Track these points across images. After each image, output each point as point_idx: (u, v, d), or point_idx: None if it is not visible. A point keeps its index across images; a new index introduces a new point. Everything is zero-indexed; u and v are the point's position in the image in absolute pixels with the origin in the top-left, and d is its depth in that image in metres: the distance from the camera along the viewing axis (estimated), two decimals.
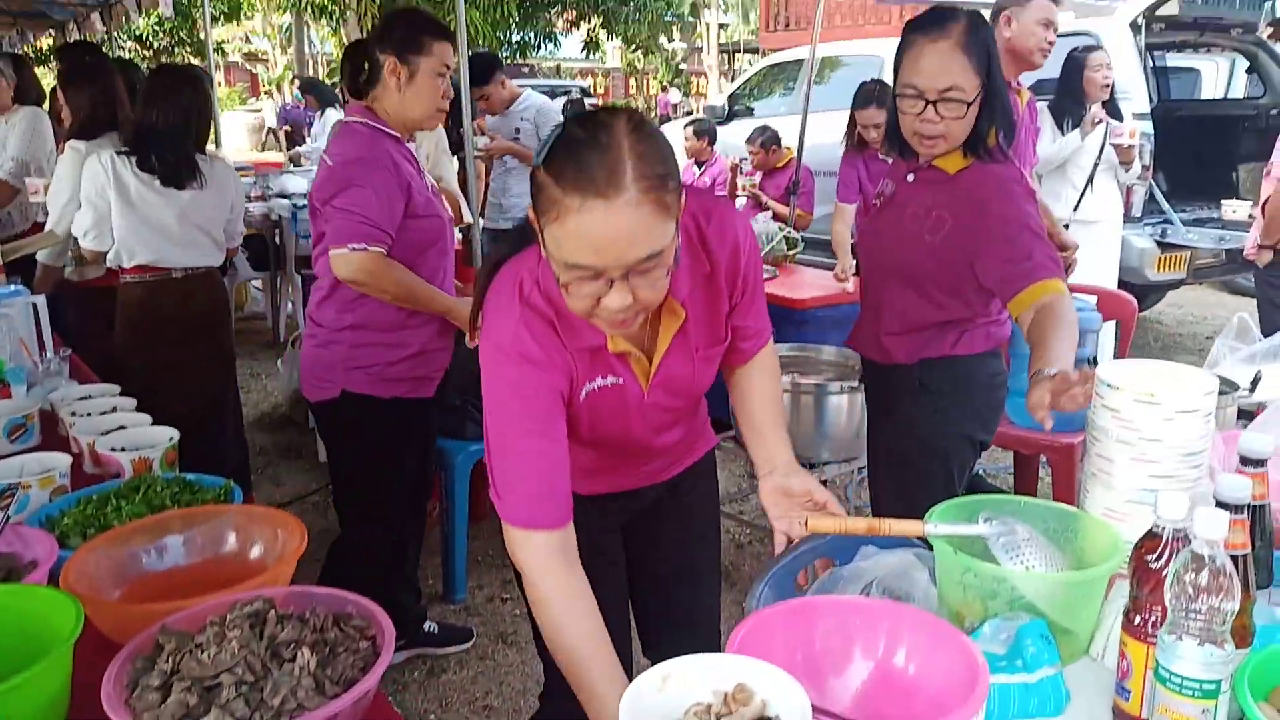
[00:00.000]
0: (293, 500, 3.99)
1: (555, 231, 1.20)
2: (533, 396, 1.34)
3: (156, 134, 2.95)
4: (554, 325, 1.36)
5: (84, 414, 2.09)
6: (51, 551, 1.41)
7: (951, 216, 2.05)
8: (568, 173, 1.17)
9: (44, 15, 10.27)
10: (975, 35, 1.97)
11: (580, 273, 1.21)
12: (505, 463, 1.35)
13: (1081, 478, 1.42)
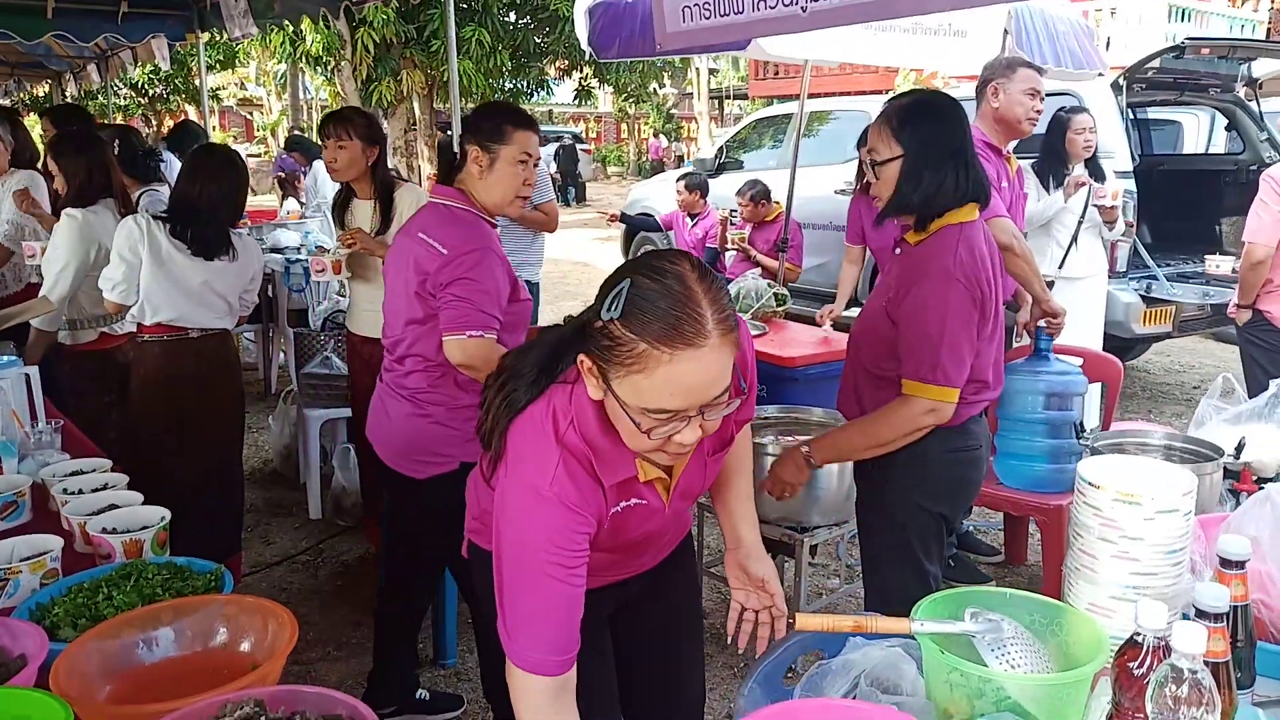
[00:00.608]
0: (283, 560, 3.97)
1: (638, 382, 1.24)
2: (564, 543, 1.35)
3: (197, 210, 3.04)
4: (591, 464, 1.39)
5: (75, 491, 2.09)
6: (42, 646, 1.41)
7: (895, 288, 2.22)
8: (653, 327, 1.22)
9: (41, 66, 10.37)
10: (901, 114, 2.21)
11: (661, 416, 1.26)
12: (523, 603, 1.36)
13: (1066, 571, 1.44)
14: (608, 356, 1.26)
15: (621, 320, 1.24)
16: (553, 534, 1.35)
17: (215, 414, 3.17)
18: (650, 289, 1.25)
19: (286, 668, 1.41)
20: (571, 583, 1.37)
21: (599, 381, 1.31)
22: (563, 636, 1.36)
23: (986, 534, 4.10)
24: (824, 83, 17.00)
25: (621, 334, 1.24)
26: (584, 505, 1.38)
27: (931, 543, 2.35)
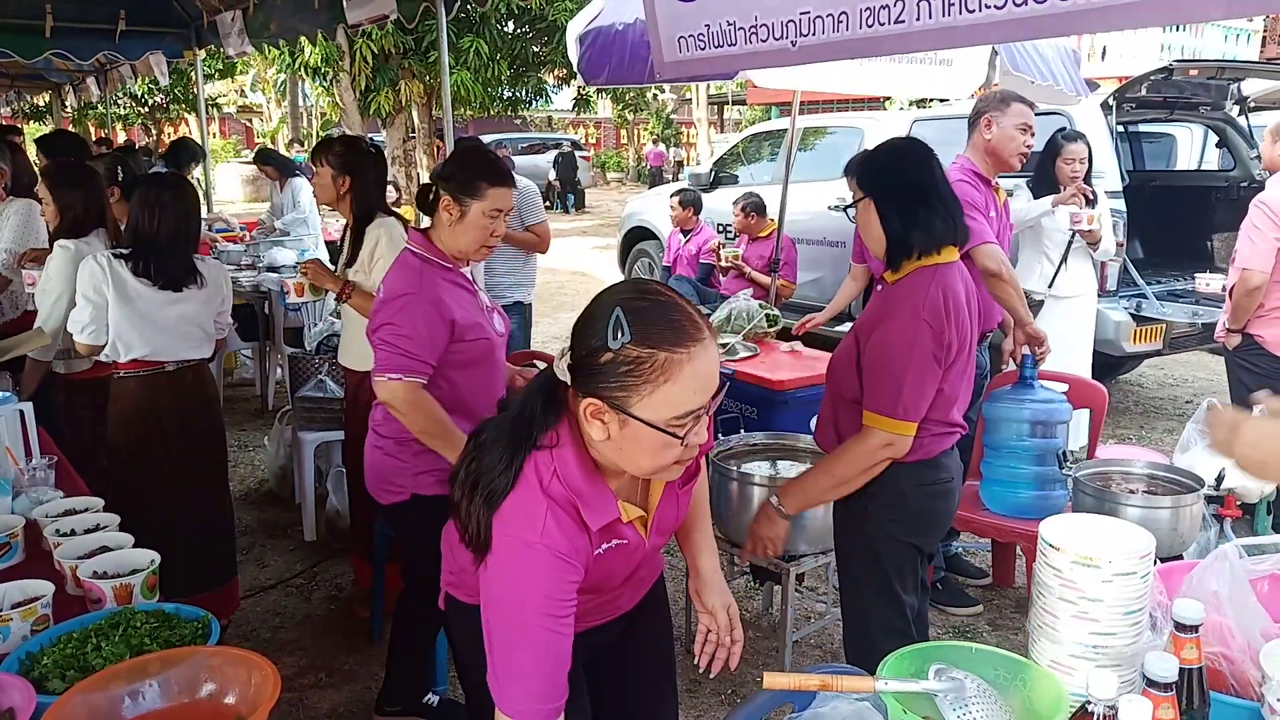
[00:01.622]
0: (277, 583, 4.00)
1: (668, 392, 1.31)
2: (555, 593, 1.39)
3: (156, 243, 3.05)
4: (577, 510, 1.42)
5: (68, 531, 2.12)
6: (30, 700, 1.45)
7: (868, 329, 2.30)
8: (665, 335, 1.32)
9: (41, 78, 10.44)
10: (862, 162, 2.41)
11: (689, 420, 1.34)
12: (514, 655, 1.39)
13: (1030, 628, 1.47)
14: (628, 382, 1.31)
15: (634, 341, 1.31)
16: (544, 585, 1.38)
17: (196, 448, 3.21)
18: (642, 306, 1.33)
19: (280, 697, 1.45)
20: (561, 632, 1.40)
21: (615, 415, 1.34)
22: (552, 686, 1.40)
23: (975, 556, 4.13)
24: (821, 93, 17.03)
25: (640, 353, 1.30)
26: (574, 554, 1.41)
27: (907, 573, 2.40)
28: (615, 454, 1.41)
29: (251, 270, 6.36)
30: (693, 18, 2.94)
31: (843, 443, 2.31)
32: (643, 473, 1.45)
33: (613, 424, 1.36)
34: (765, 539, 2.44)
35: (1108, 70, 11.19)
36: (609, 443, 1.39)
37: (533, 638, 1.38)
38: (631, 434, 1.35)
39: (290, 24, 5.72)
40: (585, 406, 1.37)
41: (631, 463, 1.41)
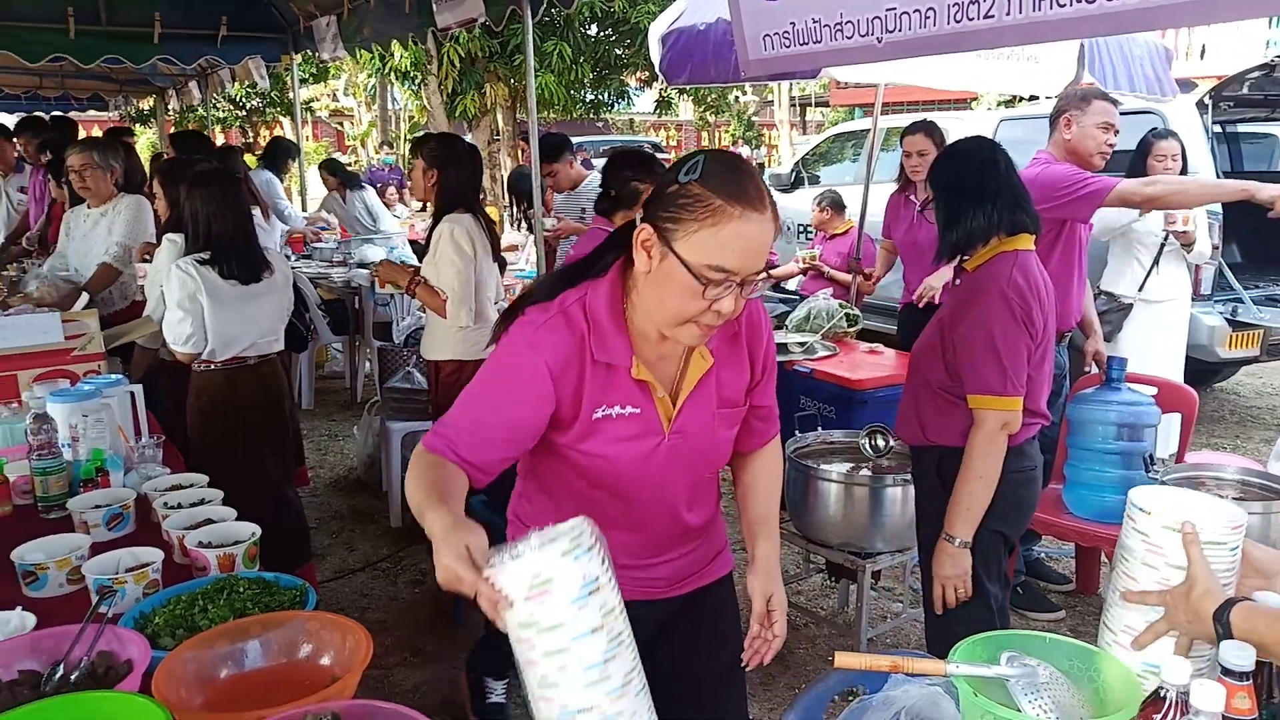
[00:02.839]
0: (364, 566, 4.14)
1: (704, 237, 1.39)
2: (516, 370, 1.50)
3: (233, 240, 3.20)
4: (584, 335, 1.51)
5: (175, 505, 2.25)
6: (145, 653, 1.55)
7: (954, 308, 2.40)
8: (728, 186, 1.40)
9: (147, 83, 10.91)
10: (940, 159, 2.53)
11: (716, 276, 1.40)
12: (462, 416, 1.52)
13: (1108, 593, 1.47)
14: (681, 215, 1.40)
15: (700, 180, 1.40)
16: (511, 372, 1.50)
17: (272, 438, 3.37)
18: (723, 160, 1.45)
19: (365, 674, 1.53)
20: (499, 410, 1.50)
21: (659, 245, 1.43)
22: (468, 437, 1.49)
23: (1058, 562, 4.06)
24: (906, 92, 16.76)
25: (700, 192, 1.40)
26: (553, 360, 1.50)
27: (992, 561, 2.42)
28: (650, 291, 1.49)
29: (343, 267, 6.58)
30: (778, 15, 2.97)
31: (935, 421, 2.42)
32: (665, 321, 1.49)
33: (655, 256, 1.44)
34: (953, 579, 2.37)
35: (1207, 69, 10.78)
36: (648, 278, 1.48)
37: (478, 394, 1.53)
38: (666, 270, 1.43)
39: (382, 28, 5.89)
40: (639, 232, 1.46)
41: (659, 305, 1.48)
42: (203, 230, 3.19)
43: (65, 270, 4.28)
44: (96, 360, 3.17)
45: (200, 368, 3.25)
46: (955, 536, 2.33)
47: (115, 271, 4.21)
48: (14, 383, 2.98)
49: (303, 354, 5.70)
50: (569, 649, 1.15)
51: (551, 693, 1.17)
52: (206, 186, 3.21)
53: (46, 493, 2.35)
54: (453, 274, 3.39)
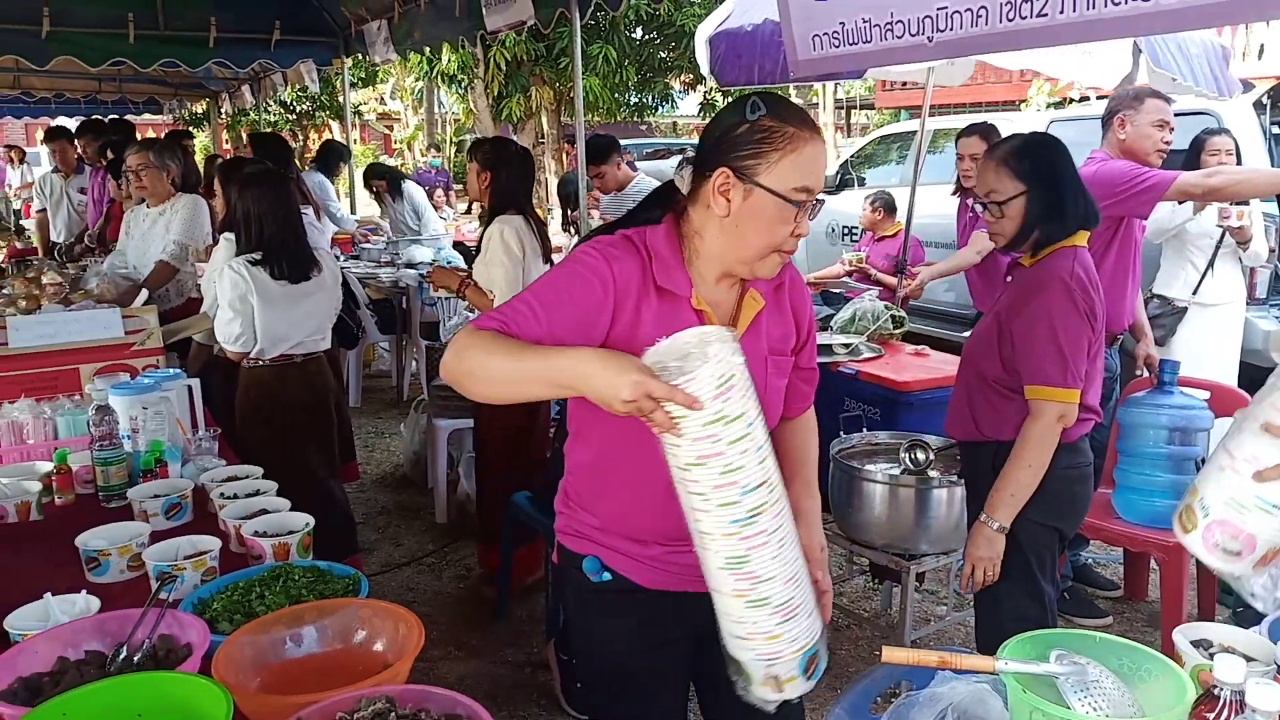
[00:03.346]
0: (410, 561, 4.20)
1: (787, 164, 1.49)
2: (582, 284, 1.52)
3: (284, 240, 3.26)
4: (646, 263, 1.56)
5: (231, 495, 2.31)
6: (204, 637, 1.60)
7: (1013, 303, 2.37)
8: (795, 116, 1.52)
9: (201, 86, 11.15)
10: (1017, 153, 2.39)
11: (803, 197, 1.50)
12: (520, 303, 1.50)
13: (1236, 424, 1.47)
14: (762, 149, 1.49)
15: (768, 115, 1.49)
16: (571, 280, 1.52)
17: (318, 435, 3.43)
18: (772, 95, 1.55)
19: (413, 666, 1.56)
20: (559, 305, 1.49)
21: (740, 185, 1.50)
22: (526, 318, 1.47)
23: (1106, 568, 4.00)
24: (953, 93, 16.63)
25: (773, 124, 1.49)
26: (620, 272, 1.52)
27: (1046, 558, 2.42)
28: (728, 235, 1.54)
29: (390, 267, 6.67)
30: (827, 15, 2.97)
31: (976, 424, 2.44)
32: (750, 257, 1.55)
33: (735, 197, 1.51)
34: (985, 560, 2.35)
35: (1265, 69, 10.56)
36: (727, 221, 1.53)
37: (542, 286, 1.53)
38: (752, 206, 1.50)
39: (432, 31, 5.97)
40: (715, 180, 1.51)
41: (741, 243, 1.54)
42: (255, 230, 3.26)
43: (124, 268, 4.39)
44: (155, 355, 3.25)
45: (249, 364, 3.33)
46: (995, 520, 2.32)
47: (172, 269, 4.31)
48: (76, 376, 3.06)
49: (351, 352, 5.79)
50: (749, 434, 1.30)
51: (736, 475, 1.30)
52: (257, 187, 3.27)
53: (108, 482, 2.42)
54: (500, 274, 3.44)
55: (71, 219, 7.44)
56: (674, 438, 1.29)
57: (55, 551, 2.09)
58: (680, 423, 1.27)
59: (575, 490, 1.76)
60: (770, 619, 1.37)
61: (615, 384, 1.28)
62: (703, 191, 1.55)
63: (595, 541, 1.71)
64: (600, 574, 1.69)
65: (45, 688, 1.51)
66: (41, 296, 3.66)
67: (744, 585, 1.36)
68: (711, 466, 1.30)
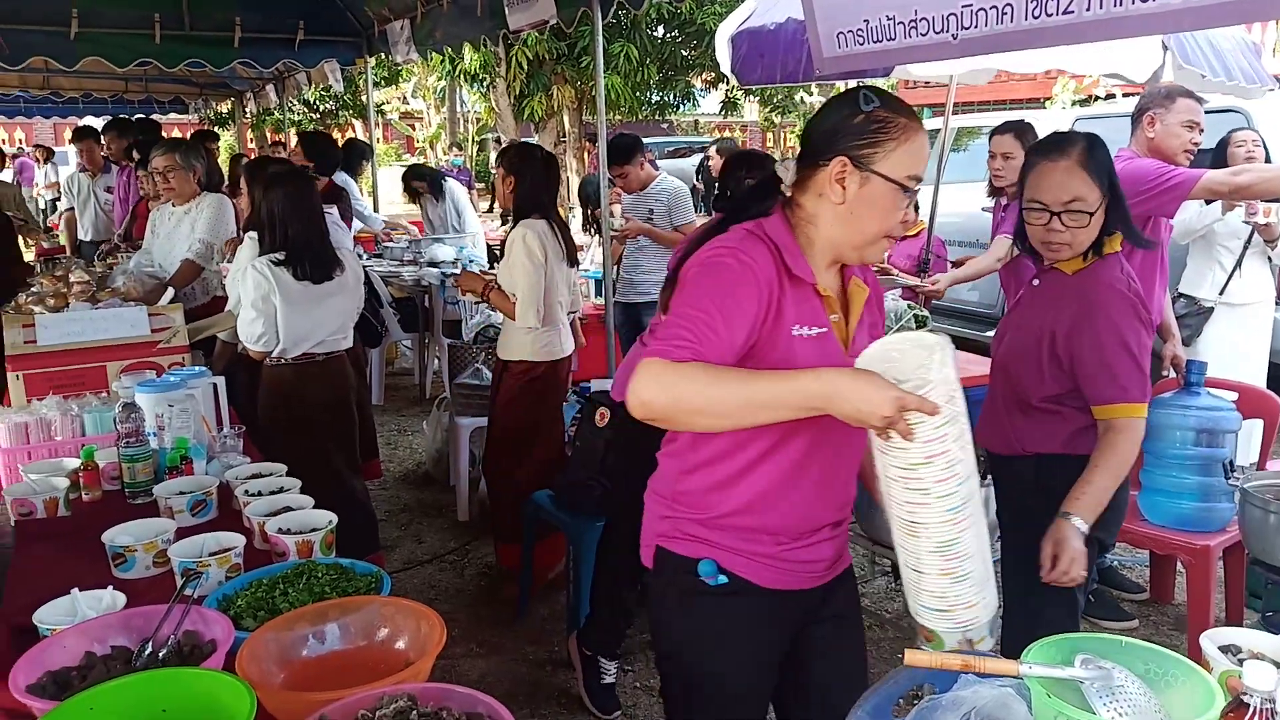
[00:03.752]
0: (432, 559, 4.22)
1: (901, 153, 1.57)
2: (736, 281, 1.53)
3: (308, 240, 3.28)
4: (775, 251, 1.60)
5: (255, 492, 2.32)
6: (229, 633, 1.61)
7: (1062, 317, 2.25)
8: (904, 108, 1.59)
9: (226, 86, 11.24)
10: (1092, 155, 2.22)
11: (913, 184, 1.58)
12: (681, 313, 1.51)
13: None
14: (879, 138, 1.56)
15: (883, 106, 1.57)
16: (726, 285, 1.53)
17: (338, 432, 3.44)
18: (881, 90, 1.60)
19: (434, 663, 1.57)
20: (727, 315, 1.51)
21: (857, 173, 1.56)
22: (698, 338, 1.48)
23: (1131, 570, 3.96)
24: (976, 91, 16.50)
25: (887, 115, 1.57)
26: (755, 268, 1.55)
27: (1090, 566, 2.33)
28: (843, 222, 1.60)
29: (413, 265, 6.70)
30: (851, 13, 2.95)
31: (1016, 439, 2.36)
32: (862, 242, 1.62)
33: (852, 185, 1.57)
34: (1070, 557, 2.13)
35: None
36: (841, 208, 1.59)
37: (708, 300, 1.51)
38: (869, 193, 1.57)
39: (454, 30, 5.98)
40: (831, 169, 1.57)
41: (856, 229, 1.60)
42: (279, 231, 3.28)
43: (150, 266, 4.43)
44: (181, 353, 3.28)
45: (271, 363, 3.35)
46: (1083, 520, 2.13)
47: (198, 267, 4.35)
48: (103, 374, 3.10)
49: (374, 350, 5.82)
50: (965, 427, 1.45)
51: (957, 468, 1.43)
52: (282, 187, 3.29)
53: (134, 479, 2.44)
54: (523, 278, 3.47)
55: (99, 218, 7.52)
56: (904, 441, 1.40)
57: (82, 547, 2.12)
58: (916, 428, 1.39)
59: (691, 492, 1.71)
60: (970, 590, 1.52)
61: (875, 401, 1.37)
62: (816, 180, 1.61)
63: (711, 543, 1.69)
64: (717, 577, 1.68)
65: (73, 682, 1.53)
66: (69, 295, 3.70)
67: (952, 564, 1.49)
68: (937, 464, 1.42)
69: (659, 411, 1.46)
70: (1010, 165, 4.18)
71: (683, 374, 1.44)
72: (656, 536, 1.76)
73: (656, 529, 1.77)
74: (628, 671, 3.29)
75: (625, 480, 3.11)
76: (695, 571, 1.69)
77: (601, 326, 4.72)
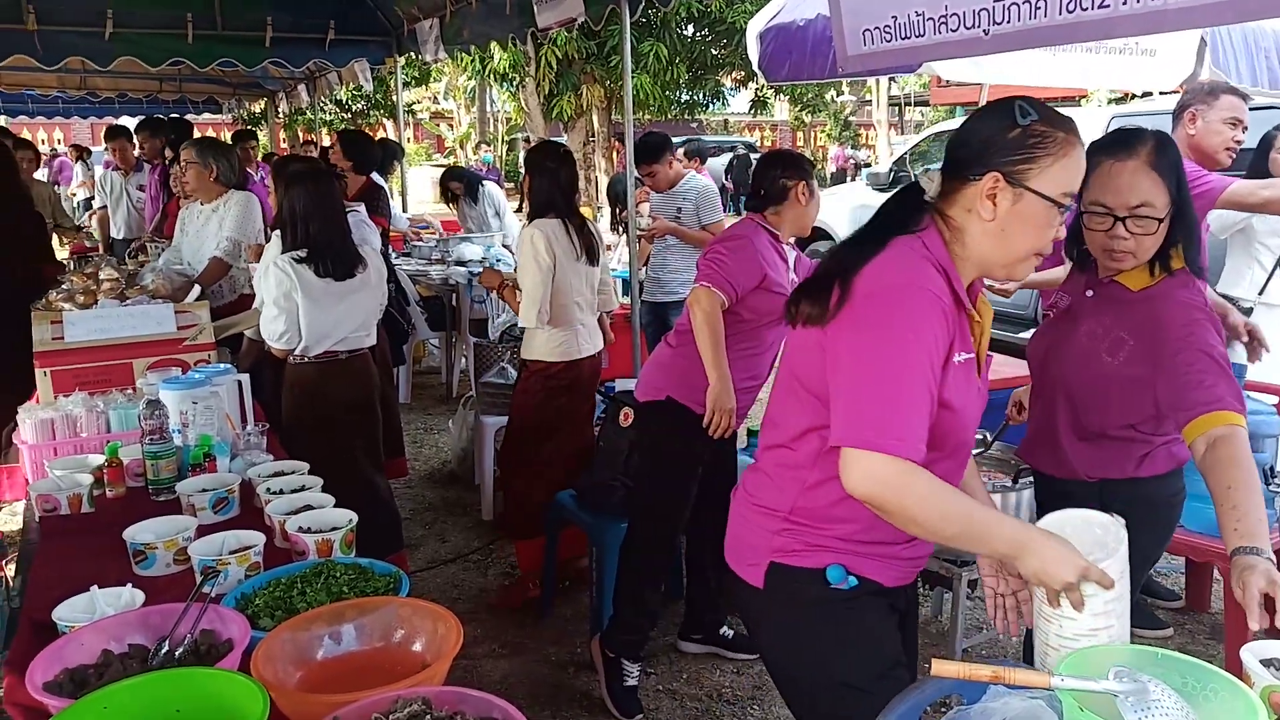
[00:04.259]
0: (456, 558, 4.21)
1: (1058, 169, 1.52)
2: (933, 335, 1.49)
3: (330, 237, 3.27)
4: (947, 279, 1.56)
5: (277, 491, 2.32)
6: (245, 633, 1.60)
7: (1133, 338, 2.07)
8: (1059, 118, 1.53)
9: (259, 86, 11.35)
10: (1163, 155, 2.04)
11: (1068, 201, 1.53)
12: (898, 389, 1.45)
13: None
14: (1035, 154, 1.51)
15: (1040, 120, 1.52)
16: (926, 324, 1.48)
17: (361, 430, 3.44)
18: (1038, 101, 1.54)
19: (455, 663, 1.54)
20: (930, 391, 1.47)
21: (1010, 189, 1.51)
22: (912, 430, 1.44)
23: (1167, 578, 3.88)
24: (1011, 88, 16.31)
25: (1044, 128, 1.51)
26: (947, 309, 1.52)
27: (1137, 581, 2.23)
28: (993, 239, 1.55)
29: (441, 265, 6.71)
30: (878, 9, 2.90)
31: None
32: (1012, 259, 1.57)
33: (1004, 201, 1.52)
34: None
35: None
36: (991, 225, 1.54)
37: (915, 374, 1.46)
38: (1021, 210, 1.52)
39: (482, 29, 5.98)
40: (983, 185, 1.52)
41: (1007, 247, 1.55)
42: (301, 228, 3.27)
43: (179, 264, 4.46)
44: (207, 350, 3.29)
45: (294, 361, 3.35)
46: (1264, 549, 1.82)
47: (226, 265, 4.37)
48: (129, 371, 3.11)
49: (403, 348, 5.83)
50: (1127, 609, 1.49)
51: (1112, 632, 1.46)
52: (301, 185, 3.29)
53: (157, 476, 2.45)
54: (528, 281, 3.47)
55: (131, 216, 7.61)
56: (1072, 611, 1.42)
57: (105, 544, 2.12)
58: (1089, 599, 1.42)
59: (813, 508, 1.67)
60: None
61: (1063, 564, 1.41)
62: (964, 195, 1.56)
63: (835, 550, 1.67)
64: (847, 580, 1.67)
65: (90, 680, 1.52)
66: (98, 292, 3.73)
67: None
68: (1099, 638, 1.44)
69: (882, 506, 1.47)
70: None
71: (914, 490, 1.45)
72: (771, 553, 1.70)
73: (770, 545, 1.71)
74: (650, 674, 3.26)
75: (648, 481, 3.09)
76: (822, 580, 1.66)
77: (628, 325, 4.69)
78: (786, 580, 1.70)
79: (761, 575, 1.72)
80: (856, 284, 1.54)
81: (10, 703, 1.59)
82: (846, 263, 1.58)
